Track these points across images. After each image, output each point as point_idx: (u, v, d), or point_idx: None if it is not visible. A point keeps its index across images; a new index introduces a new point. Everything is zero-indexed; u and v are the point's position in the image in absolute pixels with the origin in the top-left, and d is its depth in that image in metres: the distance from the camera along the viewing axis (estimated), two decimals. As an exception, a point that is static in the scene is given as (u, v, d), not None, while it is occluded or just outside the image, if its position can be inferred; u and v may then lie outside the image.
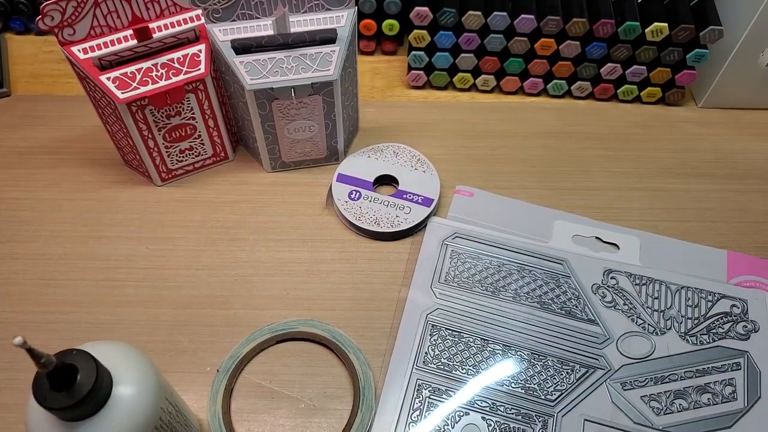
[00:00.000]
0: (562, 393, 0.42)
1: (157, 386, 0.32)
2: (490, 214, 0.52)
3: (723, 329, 0.45)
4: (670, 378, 0.43)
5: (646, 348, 0.44)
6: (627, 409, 0.42)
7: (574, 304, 0.46)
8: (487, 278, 0.47)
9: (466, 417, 0.41)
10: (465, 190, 0.53)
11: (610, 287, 0.47)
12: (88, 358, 0.28)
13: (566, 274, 0.48)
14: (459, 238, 0.49)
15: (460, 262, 0.48)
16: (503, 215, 0.52)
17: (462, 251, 0.49)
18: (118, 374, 0.30)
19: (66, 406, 0.27)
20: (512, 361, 0.44)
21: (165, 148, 0.52)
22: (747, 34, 0.55)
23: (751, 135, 0.60)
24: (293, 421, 0.42)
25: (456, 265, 0.48)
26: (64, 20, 0.45)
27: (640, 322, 0.45)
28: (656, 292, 0.47)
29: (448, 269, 0.48)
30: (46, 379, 0.27)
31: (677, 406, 0.42)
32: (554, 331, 0.45)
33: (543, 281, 0.47)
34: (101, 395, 0.28)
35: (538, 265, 0.48)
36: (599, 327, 0.45)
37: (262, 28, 0.49)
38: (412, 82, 0.63)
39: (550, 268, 0.48)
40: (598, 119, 0.61)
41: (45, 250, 0.51)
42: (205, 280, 0.49)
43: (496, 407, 0.42)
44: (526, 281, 0.47)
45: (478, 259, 0.48)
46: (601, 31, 0.56)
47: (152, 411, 0.31)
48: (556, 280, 0.47)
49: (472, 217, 0.52)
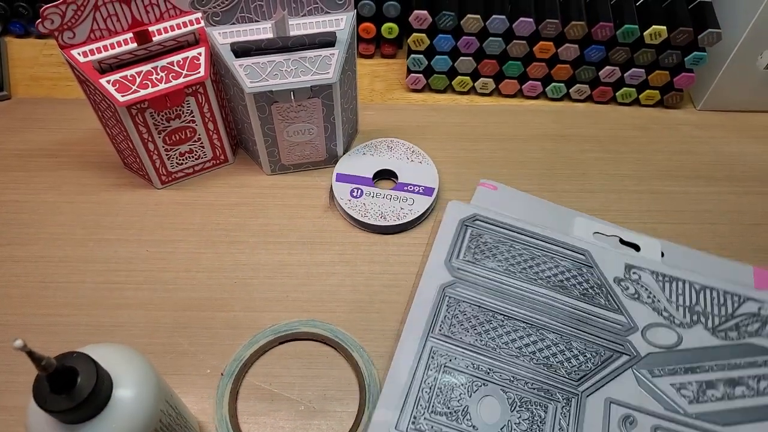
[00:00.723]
0: (587, 374, 0.42)
1: (156, 389, 0.32)
2: (512, 207, 0.51)
3: (753, 328, 0.44)
4: (701, 369, 0.42)
5: (673, 339, 0.43)
6: (656, 396, 0.41)
7: (596, 292, 0.45)
8: (507, 259, 0.47)
9: (484, 388, 0.41)
10: (489, 184, 0.53)
11: (632, 281, 0.46)
12: (88, 360, 0.28)
13: (588, 264, 0.47)
14: (479, 221, 0.49)
15: (481, 242, 0.47)
16: (525, 209, 0.52)
17: (482, 233, 0.48)
18: (118, 377, 0.30)
19: (66, 409, 0.27)
20: (534, 339, 0.43)
21: (165, 151, 0.52)
22: (745, 37, 0.56)
23: (749, 137, 0.60)
24: (293, 423, 0.42)
25: (476, 244, 0.47)
26: (63, 23, 0.45)
27: (666, 314, 0.44)
28: (680, 289, 0.46)
29: (467, 247, 0.47)
30: (46, 382, 0.27)
31: (710, 395, 0.41)
32: (577, 316, 0.44)
33: (565, 268, 0.47)
34: (101, 398, 0.29)
35: (559, 253, 0.47)
36: (623, 316, 0.44)
37: (261, 31, 0.49)
38: (412, 85, 0.63)
39: (572, 257, 0.47)
40: (597, 122, 0.61)
41: (45, 252, 0.51)
42: (205, 282, 0.49)
43: (516, 380, 0.41)
44: (547, 266, 0.47)
45: (500, 242, 0.47)
46: (600, 34, 0.57)
47: (152, 413, 0.31)
48: (579, 268, 0.47)
49: (494, 207, 0.51)
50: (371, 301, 0.48)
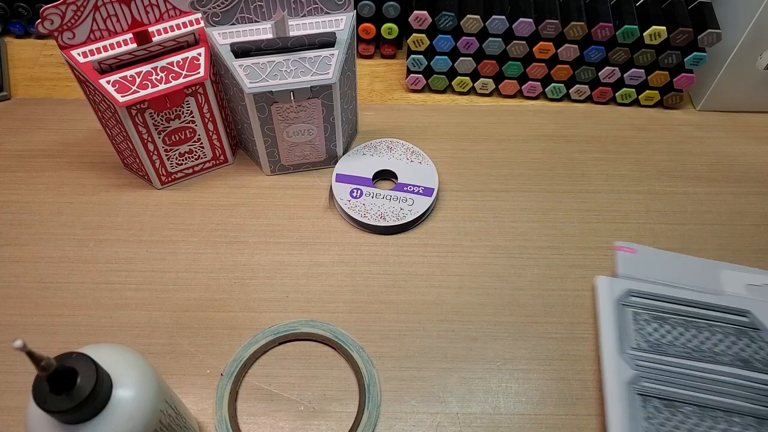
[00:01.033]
0: None
1: (156, 389, 0.32)
2: (656, 269, 0.50)
3: None
4: None
5: None
6: None
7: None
8: (677, 339, 0.45)
9: None
10: (627, 247, 0.51)
11: None
12: (88, 361, 0.28)
13: (754, 326, 0.45)
14: (634, 297, 0.47)
15: (645, 324, 0.46)
16: (669, 270, 0.50)
17: (641, 311, 0.46)
18: (118, 377, 0.30)
19: (66, 409, 0.27)
20: (737, 429, 0.40)
21: (165, 152, 0.52)
22: (745, 38, 0.56)
23: (749, 138, 0.60)
24: (292, 424, 0.42)
25: (641, 327, 0.45)
26: (63, 24, 0.45)
27: None
28: None
29: (635, 333, 0.45)
30: (46, 382, 0.27)
31: None
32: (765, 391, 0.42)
33: (736, 337, 0.44)
34: (101, 398, 0.29)
35: (722, 320, 0.45)
36: None
37: (261, 31, 0.49)
38: (411, 86, 0.63)
39: (735, 321, 0.45)
40: (597, 122, 0.61)
41: (45, 253, 0.51)
42: (205, 283, 0.49)
43: None
44: (718, 338, 0.45)
45: (662, 320, 0.46)
46: (600, 34, 0.57)
47: (152, 414, 0.31)
48: (747, 334, 0.45)
49: (640, 274, 0.49)
50: (371, 301, 0.48)
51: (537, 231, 0.53)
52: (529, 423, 0.43)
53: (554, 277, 0.50)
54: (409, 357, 0.46)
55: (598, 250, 0.52)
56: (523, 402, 0.44)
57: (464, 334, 0.47)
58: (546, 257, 0.51)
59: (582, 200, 0.55)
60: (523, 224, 0.53)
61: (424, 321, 0.47)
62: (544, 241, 0.52)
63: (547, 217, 0.54)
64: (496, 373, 0.45)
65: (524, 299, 0.49)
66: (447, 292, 0.49)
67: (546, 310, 0.48)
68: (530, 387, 0.45)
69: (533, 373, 0.45)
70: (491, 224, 0.53)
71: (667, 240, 0.52)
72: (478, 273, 0.50)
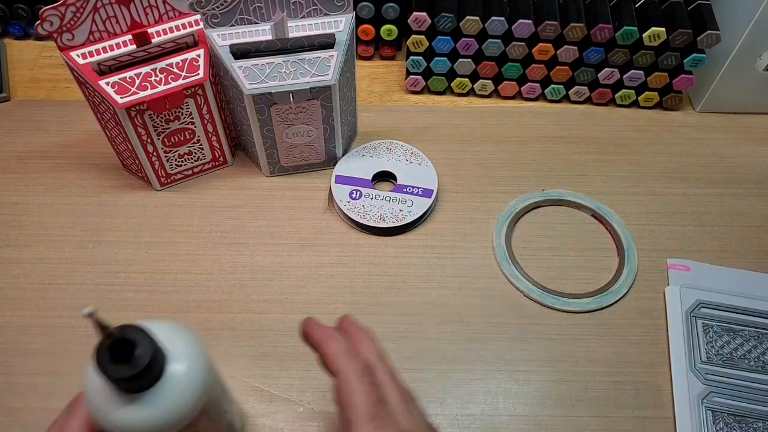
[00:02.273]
0: None
1: (207, 364, 0.32)
2: (714, 285, 0.49)
3: None
4: None
5: None
6: None
7: None
8: (750, 351, 0.44)
9: None
10: (679, 264, 0.50)
11: None
12: (145, 333, 0.29)
13: None
14: (705, 309, 0.47)
15: (716, 337, 0.45)
16: (727, 285, 0.49)
17: (713, 323, 0.46)
18: (171, 351, 0.30)
19: (127, 377, 0.28)
20: None
21: (164, 153, 0.52)
22: (744, 39, 0.56)
23: (748, 139, 0.60)
24: (292, 425, 0.42)
25: (712, 339, 0.45)
26: (63, 25, 0.45)
27: None
28: None
29: (706, 347, 0.45)
30: (107, 351, 0.27)
31: None
32: None
33: None
34: (157, 369, 0.29)
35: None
36: None
37: (260, 33, 0.49)
38: (411, 87, 0.63)
39: None
40: (596, 124, 0.61)
41: (45, 254, 0.51)
42: (204, 284, 0.49)
43: None
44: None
45: (734, 332, 0.45)
46: (599, 35, 0.57)
47: (203, 387, 0.31)
48: None
49: (701, 286, 0.49)
50: (370, 302, 0.48)
51: (536, 232, 0.53)
52: (529, 424, 0.43)
53: (553, 277, 0.50)
54: (408, 358, 0.45)
55: (598, 251, 0.52)
56: (522, 403, 0.44)
57: (463, 336, 0.47)
58: (545, 258, 0.51)
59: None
60: (523, 225, 0.53)
61: (424, 322, 0.47)
62: (543, 243, 0.52)
63: (546, 218, 0.54)
64: (495, 375, 0.45)
65: (523, 301, 0.49)
66: (446, 293, 0.49)
67: (545, 312, 0.48)
68: (529, 388, 0.45)
69: (532, 374, 0.45)
70: (490, 225, 0.53)
71: (666, 241, 0.52)
72: (477, 274, 0.50)
